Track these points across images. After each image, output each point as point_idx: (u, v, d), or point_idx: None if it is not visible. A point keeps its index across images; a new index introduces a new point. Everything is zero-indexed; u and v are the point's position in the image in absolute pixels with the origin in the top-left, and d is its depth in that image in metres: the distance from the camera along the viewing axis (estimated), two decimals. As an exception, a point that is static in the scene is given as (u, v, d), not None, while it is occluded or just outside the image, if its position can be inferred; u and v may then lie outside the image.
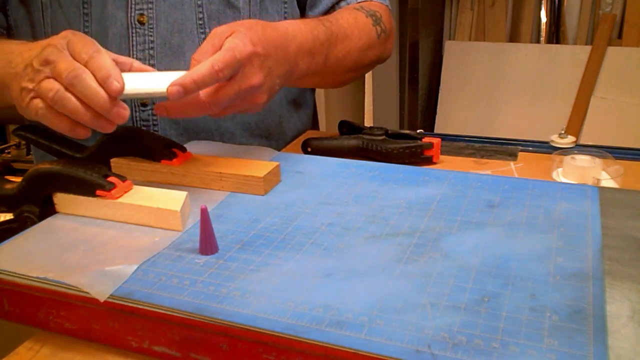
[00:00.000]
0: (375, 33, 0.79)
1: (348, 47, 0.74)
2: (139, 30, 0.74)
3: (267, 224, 0.50)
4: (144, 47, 0.74)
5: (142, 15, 0.73)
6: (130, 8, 0.73)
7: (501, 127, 2.25)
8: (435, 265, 0.43)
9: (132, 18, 0.73)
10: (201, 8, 0.75)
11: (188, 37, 0.75)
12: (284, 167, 0.61)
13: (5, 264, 0.45)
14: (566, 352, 0.34)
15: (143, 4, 0.73)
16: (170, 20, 0.74)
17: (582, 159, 0.66)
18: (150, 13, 0.74)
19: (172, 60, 0.75)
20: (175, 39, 0.75)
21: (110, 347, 0.43)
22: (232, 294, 0.40)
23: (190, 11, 0.75)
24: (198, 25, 0.75)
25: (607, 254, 0.44)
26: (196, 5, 0.75)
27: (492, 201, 0.53)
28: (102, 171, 0.54)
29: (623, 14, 2.10)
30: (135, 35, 0.74)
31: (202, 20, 0.75)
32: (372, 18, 0.78)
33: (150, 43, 0.74)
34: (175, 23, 0.75)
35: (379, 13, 0.81)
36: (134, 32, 0.74)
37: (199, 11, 0.75)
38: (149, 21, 0.74)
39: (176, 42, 0.75)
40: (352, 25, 0.76)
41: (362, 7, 0.80)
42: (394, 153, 0.71)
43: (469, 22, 2.33)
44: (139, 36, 0.74)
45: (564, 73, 2.15)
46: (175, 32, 0.75)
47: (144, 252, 0.46)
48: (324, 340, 0.36)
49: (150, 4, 0.73)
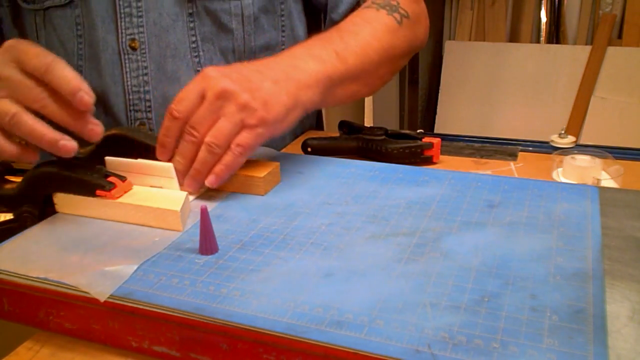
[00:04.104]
0: (393, 21, 0.73)
1: (364, 40, 0.68)
2: (131, 56, 0.72)
3: (267, 224, 0.50)
4: (138, 73, 0.73)
5: (134, 40, 0.72)
6: (121, 33, 0.71)
7: (501, 127, 2.25)
8: (435, 265, 0.43)
9: (124, 43, 0.72)
10: (193, 31, 0.73)
11: (182, 61, 0.74)
12: (284, 167, 0.61)
13: (5, 264, 0.45)
14: (566, 352, 0.34)
15: (133, 28, 0.71)
16: (162, 45, 0.73)
17: (582, 159, 0.66)
18: (141, 37, 0.72)
19: (167, 85, 0.74)
20: (169, 64, 0.73)
21: (110, 347, 0.43)
22: (232, 294, 0.40)
23: (182, 34, 0.73)
24: (191, 48, 0.74)
25: (607, 254, 0.44)
26: (188, 28, 0.73)
27: (492, 201, 0.53)
28: (102, 171, 0.54)
29: (623, 14, 2.10)
30: (128, 62, 0.72)
31: (196, 44, 0.74)
32: (386, 9, 0.74)
33: (144, 69, 0.73)
34: (168, 47, 0.73)
35: (395, 1, 0.76)
36: (127, 58, 0.72)
37: (192, 34, 0.73)
38: (141, 46, 0.72)
39: (170, 67, 0.73)
40: (360, 22, 0.72)
41: (374, 2, 0.76)
42: (394, 153, 0.71)
43: (469, 22, 2.33)
44: (132, 62, 0.72)
45: (564, 73, 2.15)
46: (169, 57, 0.73)
47: (144, 252, 0.46)
48: (324, 340, 0.36)
49: (140, 27, 0.72)
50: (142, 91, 0.74)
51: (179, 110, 0.54)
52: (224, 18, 0.74)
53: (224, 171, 0.54)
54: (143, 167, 0.55)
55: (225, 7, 0.74)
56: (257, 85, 0.55)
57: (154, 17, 0.72)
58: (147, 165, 0.54)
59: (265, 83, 0.56)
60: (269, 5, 0.77)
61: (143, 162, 0.55)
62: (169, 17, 0.72)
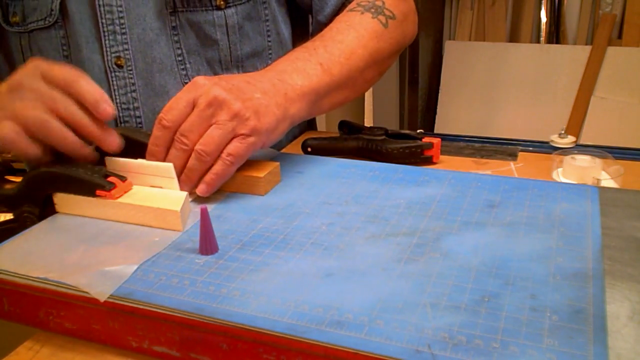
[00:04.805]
0: (379, 24, 0.73)
1: (348, 48, 0.68)
2: (118, 73, 0.72)
3: (267, 224, 0.50)
4: (126, 90, 0.73)
5: (119, 57, 0.71)
6: (106, 51, 0.71)
7: (501, 127, 2.25)
8: (435, 265, 0.43)
9: (109, 62, 0.71)
10: (178, 44, 0.73)
11: (169, 75, 0.73)
12: (284, 167, 0.61)
13: (5, 264, 0.45)
14: (566, 352, 0.34)
15: (118, 45, 0.71)
16: (148, 60, 0.72)
17: (582, 159, 0.66)
18: (127, 54, 0.71)
19: (156, 100, 0.74)
20: (156, 79, 0.73)
21: (110, 347, 0.43)
22: (232, 294, 0.40)
23: (167, 48, 0.73)
24: (178, 61, 0.73)
25: (607, 254, 0.44)
26: (173, 41, 0.73)
27: (492, 201, 0.53)
28: (102, 171, 0.54)
29: (623, 14, 2.10)
30: (116, 79, 0.72)
31: (182, 57, 0.73)
32: (371, 12, 0.74)
33: (132, 85, 0.73)
34: (154, 62, 0.73)
35: (380, 1, 0.75)
36: (114, 76, 0.72)
37: (177, 47, 0.73)
38: (127, 63, 0.72)
39: (158, 82, 0.73)
40: (344, 28, 0.70)
41: (359, 4, 0.75)
42: (394, 153, 0.71)
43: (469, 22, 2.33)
44: (119, 79, 0.72)
45: (564, 73, 2.15)
46: (156, 72, 0.73)
47: (144, 252, 0.46)
48: (324, 340, 0.36)
49: (125, 44, 0.71)
50: (131, 107, 0.73)
51: (168, 119, 0.54)
52: (207, 29, 0.73)
53: (215, 180, 0.54)
54: (143, 167, 0.55)
55: (209, 18, 0.73)
56: (248, 95, 0.56)
57: (137, 33, 0.71)
58: (147, 166, 0.54)
59: (256, 94, 0.56)
60: (253, 12, 0.77)
61: (143, 162, 0.55)
62: (152, 32, 0.72)
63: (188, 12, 0.72)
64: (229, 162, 0.53)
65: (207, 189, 0.54)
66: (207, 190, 0.54)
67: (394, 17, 0.75)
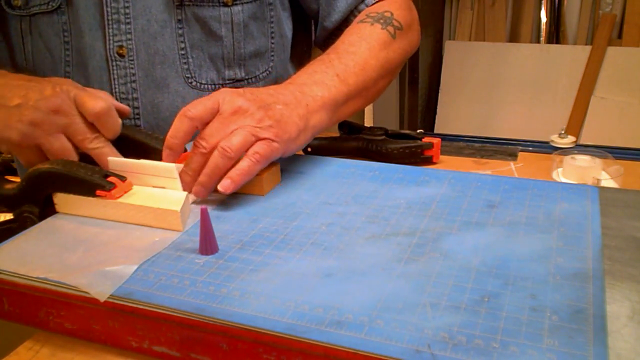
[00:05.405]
0: (388, 35, 0.75)
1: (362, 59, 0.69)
2: (119, 63, 0.72)
3: (267, 224, 0.50)
4: (126, 80, 0.72)
5: (122, 47, 0.71)
6: (109, 39, 0.71)
7: (501, 127, 2.25)
8: (435, 265, 0.43)
9: (111, 50, 0.71)
10: (182, 37, 0.73)
11: (171, 68, 0.73)
12: (284, 167, 0.61)
13: (5, 264, 0.45)
14: (566, 352, 0.34)
15: (121, 35, 0.71)
16: (151, 52, 0.72)
17: (582, 159, 0.66)
18: (129, 44, 0.71)
19: (155, 92, 0.74)
20: (157, 71, 0.73)
21: (110, 347, 0.43)
22: (232, 294, 0.40)
23: (171, 41, 0.73)
24: (180, 55, 0.73)
25: (607, 254, 0.44)
26: (177, 34, 0.73)
27: (492, 201, 0.53)
28: (102, 171, 0.54)
29: (623, 14, 2.11)
30: (116, 68, 0.72)
31: (185, 50, 0.73)
32: (380, 22, 0.75)
33: (132, 76, 0.72)
34: (157, 54, 0.72)
35: (389, 12, 0.77)
36: (114, 65, 0.72)
37: (181, 40, 0.73)
38: (129, 53, 0.72)
39: (159, 74, 0.73)
40: (356, 40, 0.72)
41: (368, 15, 0.76)
42: (394, 153, 0.71)
43: (469, 22, 2.34)
44: (119, 69, 0.72)
45: (564, 73, 2.15)
46: (158, 64, 0.73)
47: (144, 252, 0.46)
48: (324, 340, 0.36)
49: (128, 34, 0.71)
50: (130, 98, 0.73)
51: (193, 112, 0.54)
52: (213, 25, 0.74)
53: (240, 177, 0.53)
54: (145, 167, 0.55)
55: (215, 14, 0.73)
56: (271, 105, 0.57)
57: (142, 23, 0.71)
58: (150, 166, 0.54)
59: (278, 105, 0.57)
60: (259, 12, 0.77)
61: (145, 162, 0.55)
62: (158, 23, 0.72)
63: (195, 6, 0.73)
64: (255, 160, 0.53)
65: (232, 186, 0.53)
66: (231, 186, 0.53)
67: (401, 28, 0.77)
